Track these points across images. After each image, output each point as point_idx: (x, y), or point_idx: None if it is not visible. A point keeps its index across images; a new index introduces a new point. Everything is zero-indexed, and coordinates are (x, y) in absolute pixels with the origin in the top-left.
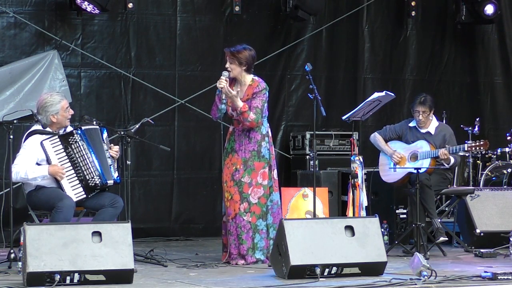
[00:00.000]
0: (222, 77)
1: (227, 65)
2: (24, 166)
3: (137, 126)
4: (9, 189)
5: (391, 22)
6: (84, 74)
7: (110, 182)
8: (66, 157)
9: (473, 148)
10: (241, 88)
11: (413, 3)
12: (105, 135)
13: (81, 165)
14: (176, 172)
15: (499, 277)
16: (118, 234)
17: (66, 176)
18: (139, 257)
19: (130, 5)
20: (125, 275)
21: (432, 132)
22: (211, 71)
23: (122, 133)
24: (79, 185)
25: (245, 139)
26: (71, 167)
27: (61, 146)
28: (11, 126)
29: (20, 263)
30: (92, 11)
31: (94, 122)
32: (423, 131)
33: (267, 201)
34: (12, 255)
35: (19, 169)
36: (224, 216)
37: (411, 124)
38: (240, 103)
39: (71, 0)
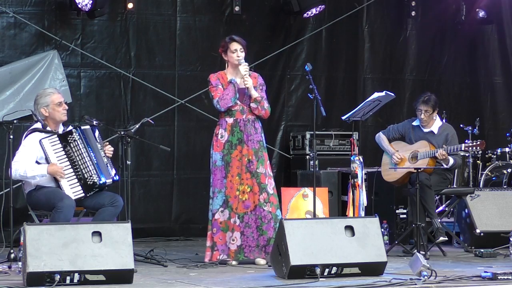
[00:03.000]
0: (246, 66)
1: (240, 54)
2: (23, 164)
3: (137, 126)
4: (9, 189)
5: (391, 22)
6: (84, 74)
7: (109, 181)
8: (65, 156)
9: (470, 148)
10: (238, 77)
11: (413, 3)
12: (96, 133)
13: (80, 163)
14: (176, 172)
15: (499, 277)
16: (118, 234)
17: (65, 176)
18: (139, 257)
19: (130, 5)
20: (125, 275)
21: (435, 131)
22: (210, 71)
23: (122, 133)
24: (78, 183)
25: (252, 129)
26: (69, 166)
27: (60, 145)
28: (11, 126)
29: (20, 263)
30: (82, 7)
31: (94, 122)
32: (426, 130)
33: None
34: (12, 255)
35: (18, 166)
36: (217, 213)
37: (415, 123)
38: (255, 92)
39: (71, 0)
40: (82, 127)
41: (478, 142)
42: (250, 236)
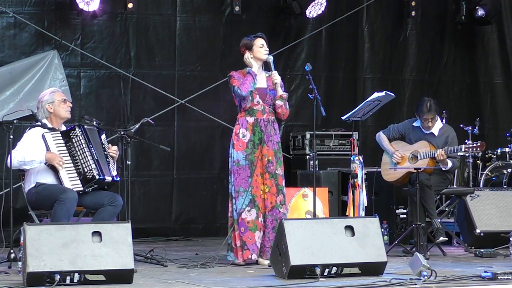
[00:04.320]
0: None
1: (267, 48)
2: (22, 151)
3: (137, 126)
4: (9, 189)
5: (391, 22)
6: (83, 74)
7: (108, 178)
8: (66, 150)
9: (470, 149)
10: (260, 77)
11: (413, 3)
12: (103, 136)
13: (80, 158)
14: (176, 172)
15: (499, 277)
16: (118, 234)
17: (65, 168)
18: (139, 257)
19: (130, 5)
20: (125, 275)
21: (436, 133)
22: (210, 71)
23: (122, 133)
24: (77, 177)
25: (272, 130)
26: (70, 160)
27: (61, 140)
28: (11, 126)
29: (20, 263)
30: (83, 8)
31: (94, 122)
32: (426, 131)
33: None
34: (12, 255)
35: (17, 154)
36: (243, 213)
37: (415, 124)
38: (281, 90)
39: (71, 0)
40: (86, 127)
41: (478, 144)
42: (267, 236)
